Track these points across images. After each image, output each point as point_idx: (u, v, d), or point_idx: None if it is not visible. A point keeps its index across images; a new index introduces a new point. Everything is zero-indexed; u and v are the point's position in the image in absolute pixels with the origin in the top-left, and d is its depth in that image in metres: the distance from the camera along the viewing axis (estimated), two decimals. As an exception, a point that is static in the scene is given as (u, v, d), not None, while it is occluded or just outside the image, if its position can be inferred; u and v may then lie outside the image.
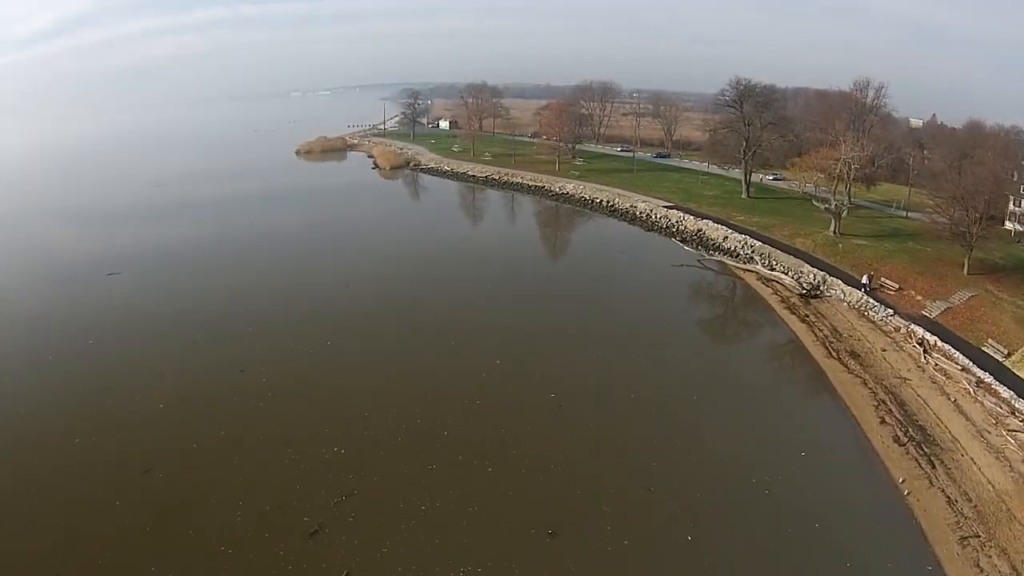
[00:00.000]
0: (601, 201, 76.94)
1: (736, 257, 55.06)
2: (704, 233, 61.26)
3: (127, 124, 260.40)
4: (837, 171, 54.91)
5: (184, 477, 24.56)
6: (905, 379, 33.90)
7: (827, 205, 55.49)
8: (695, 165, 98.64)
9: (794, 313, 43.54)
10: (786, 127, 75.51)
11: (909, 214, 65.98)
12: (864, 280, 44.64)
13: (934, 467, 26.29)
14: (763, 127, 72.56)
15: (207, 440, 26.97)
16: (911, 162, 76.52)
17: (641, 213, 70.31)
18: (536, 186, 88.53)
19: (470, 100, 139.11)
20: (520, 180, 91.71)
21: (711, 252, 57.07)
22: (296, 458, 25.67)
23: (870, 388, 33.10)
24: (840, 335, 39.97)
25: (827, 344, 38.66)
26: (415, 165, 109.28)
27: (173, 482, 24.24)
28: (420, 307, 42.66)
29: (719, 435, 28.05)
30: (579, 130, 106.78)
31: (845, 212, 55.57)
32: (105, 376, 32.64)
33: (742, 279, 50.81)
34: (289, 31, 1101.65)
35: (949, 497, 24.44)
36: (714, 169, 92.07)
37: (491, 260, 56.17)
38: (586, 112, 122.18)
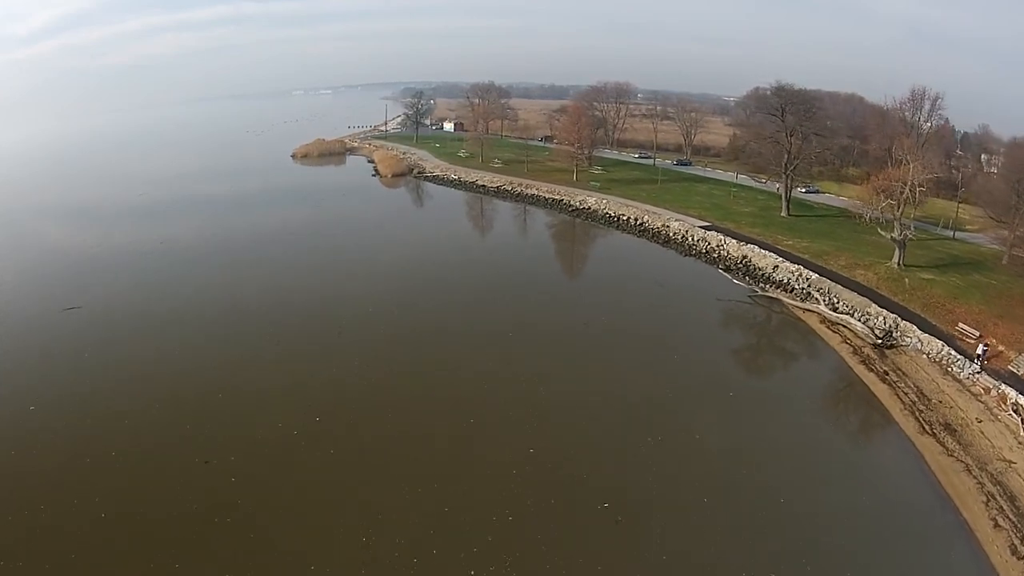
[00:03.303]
0: (628, 219, 69.35)
1: (791, 291, 48.18)
2: (750, 261, 54.15)
3: (120, 124, 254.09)
4: (904, 195, 48.20)
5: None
6: (1010, 462, 27.82)
7: (892, 234, 48.68)
8: (721, 174, 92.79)
9: (872, 370, 36.85)
10: (832, 138, 68.66)
11: (956, 234, 60.87)
12: (979, 351, 35.79)
13: (1058, 588, 20.96)
14: (805, 138, 65.92)
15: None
16: (959, 178, 70.65)
17: (675, 234, 62.92)
18: (554, 199, 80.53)
19: (476, 101, 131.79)
20: (535, 192, 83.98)
21: (761, 285, 50.11)
22: (273, 613, 19.06)
23: (975, 477, 27.10)
24: (928, 401, 33.47)
25: (916, 414, 32.19)
26: (419, 172, 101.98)
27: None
28: (430, 372, 34.28)
29: (824, 563, 21.67)
30: (596, 134, 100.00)
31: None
32: (40, 458, 26.02)
33: (803, 321, 43.84)
34: (291, 30, 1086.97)
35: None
36: (743, 179, 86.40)
37: (512, 301, 46.67)
38: (600, 115, 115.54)
